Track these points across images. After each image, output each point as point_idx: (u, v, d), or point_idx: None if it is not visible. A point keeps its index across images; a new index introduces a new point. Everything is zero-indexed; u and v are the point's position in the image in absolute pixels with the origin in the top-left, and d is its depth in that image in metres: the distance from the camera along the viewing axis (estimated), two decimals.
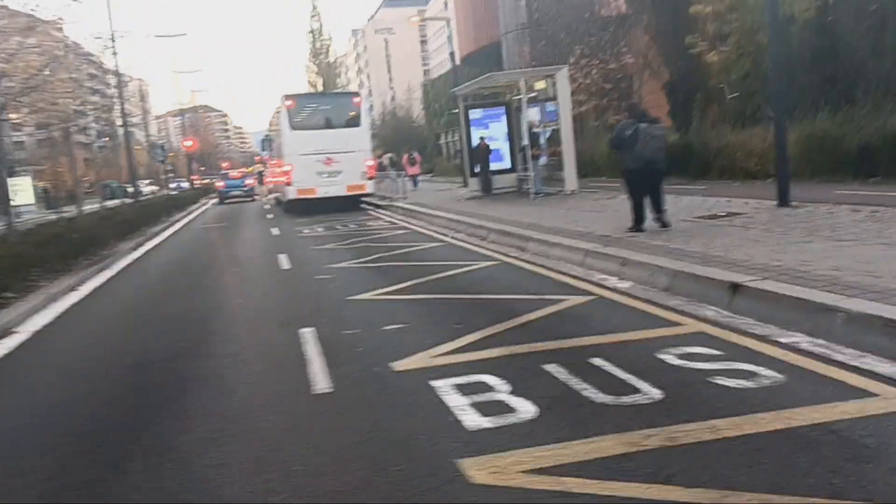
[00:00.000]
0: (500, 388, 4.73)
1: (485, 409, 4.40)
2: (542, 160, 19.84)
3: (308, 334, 6.66)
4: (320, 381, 5.26)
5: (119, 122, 48.82)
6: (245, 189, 41.69)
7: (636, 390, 4.50)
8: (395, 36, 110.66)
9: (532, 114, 19.63)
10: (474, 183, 22.13)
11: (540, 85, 19.65)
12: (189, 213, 32.25)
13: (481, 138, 21.64)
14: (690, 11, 25.85)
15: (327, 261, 11.61)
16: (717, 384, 4.49)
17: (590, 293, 7.43)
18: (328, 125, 24.20)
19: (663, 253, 8.16)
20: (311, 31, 70.01)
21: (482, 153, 21.77)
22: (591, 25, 36.32)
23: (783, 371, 4.63)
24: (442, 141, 66.83)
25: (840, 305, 5.24)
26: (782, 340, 5.24)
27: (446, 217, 15.95)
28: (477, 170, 21.90)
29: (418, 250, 12.11)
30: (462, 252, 11.39)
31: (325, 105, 25.25)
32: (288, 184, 24.35)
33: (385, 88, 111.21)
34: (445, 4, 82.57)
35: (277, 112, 27.10)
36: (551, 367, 5.05)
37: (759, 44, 23.56)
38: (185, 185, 62.69)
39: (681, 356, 5.09)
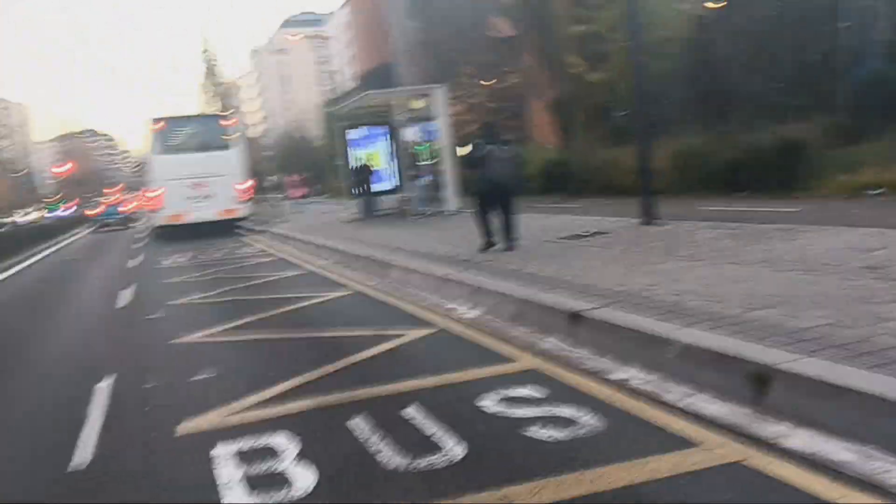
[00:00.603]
0: (288, 454, 4.03)
1: (256, 483, 3.69)
2: (423, 180, 19.38)
3: (103, 389, 5.78)
4: (82, 451, 4.42)
5: None
6: (118, 217, 39.50)
7: (437, 449, 3.89)
8: (293, 57, 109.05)
9: (410, 133, 19.14)
10: (355, 205, 21.46)
11: (417, 104, 19.19)
12: (55, 244, 30.13)
13: (357, 160, 21.01)
14: (568, 32, 26.14)
15: (172, 295, 10.61)
16: (528, 437, 3.93)
17: (433, 325, 6.84)
18: (198, 148, 23.04)
19: (516, 278, 7.67)
20: (205, 51, 68.30)
21: (363, 174, 21.12)
22: (478, 46, 36.47)
23: (606, 416, 4.12)
24: (340, 162, 65.76)
25: (672, 336, 4.81)
26: (613, 377, 4.76)
27: (315, 243, 15.15)
28: (358, 192, 21.25)
29: (275, 280, 11.28)
30: (320, 281, 10.66)
31: (195, 128, 24.04)
32: (157, 209, 23.02)
33: (282, 110, 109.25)
34: (344, 24, 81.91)
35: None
36: (356, 422, 4.39)
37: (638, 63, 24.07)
38: (66, 213, 59.41)
39: (502, 400, 4.52)
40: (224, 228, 23.14)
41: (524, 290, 6.98)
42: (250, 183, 24.09)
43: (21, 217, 65.07)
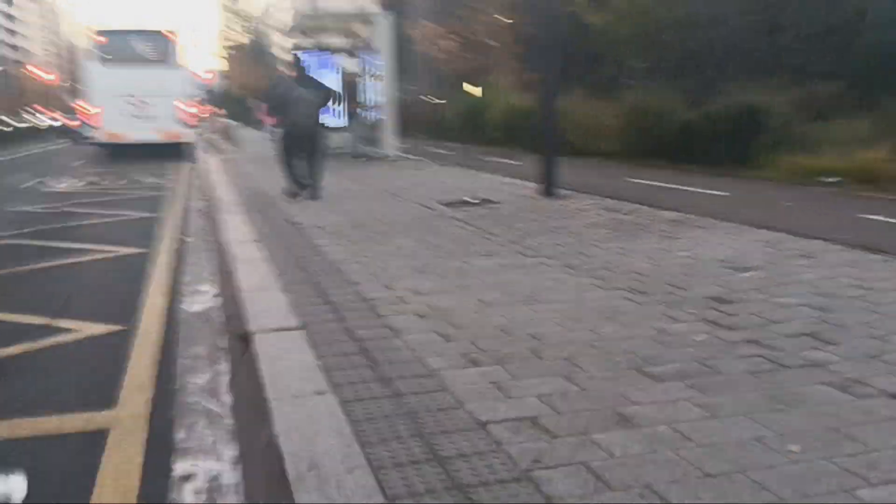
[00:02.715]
0: None
1: None
2: (363, 118, 17.46)
3: None
4: None
5: None
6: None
7: None
8: None
9: (350, 64, 17.11)
10: None
11: (360, 31, 17.07)
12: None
13: None
14: None
15: None
16: None
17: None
18: (139, 64, 21.17)
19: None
20: None
21: None
22: None
23: None
24: None
25: None
26: None
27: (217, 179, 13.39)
28: None
29: (99, 224, 9.49)
30: (138, 228, 8.89)
31: (137, 42, 22.06)
32: (95, 126, 21.36)
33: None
34: None
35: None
36: None
37: (644, 6, 21.54)
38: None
39: None
40: (175, 152, 21.38)
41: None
42: (196, 107, 22.14)
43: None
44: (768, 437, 2.59)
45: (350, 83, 17.64)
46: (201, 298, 5.21)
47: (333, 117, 19.41)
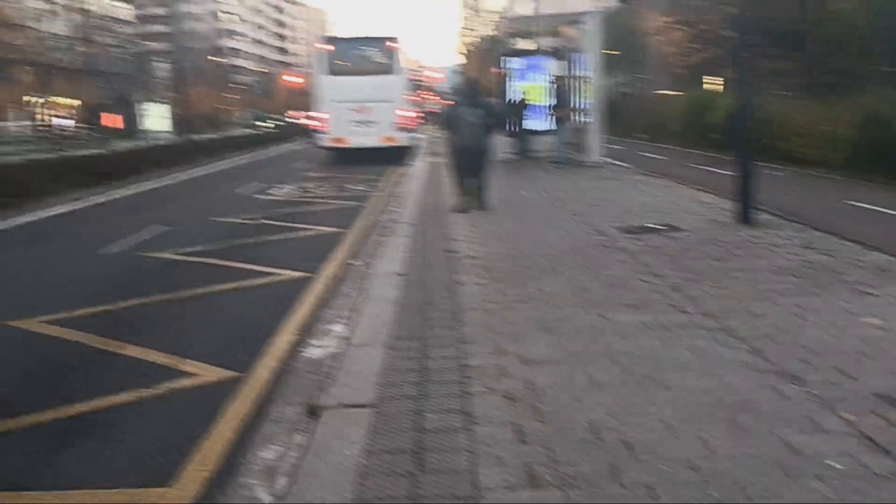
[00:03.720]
0: None
1: None
2: (574, 123, 16.81)
3: None
4: None
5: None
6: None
7: None
8: None
9: (555, 67, 16.52)
10: (511, 143, 19.37)
11: (569, 33, 16.42)
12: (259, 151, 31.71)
13: (515, 93, 18.75)
14: None
15: (151, 248, 9.48)
16: None
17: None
18: (363, 72, 22.17)
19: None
20: None
21: (517, 109, 18.84)
22: None
23: None
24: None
25: None
26: None
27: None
28: (512, 129, 19.07)
29: (284, 240, 9.84)
30: (317, 247, 9.09)
31: (360, 50, 23.10)
32: (322, 131, 22.79)
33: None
34: None
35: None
36: None
37: None
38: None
39: None
40: (392, 155, 22.21)
41: None
42: (414, 112, 22.73)
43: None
44: None
45: (558, 87, 17.11)
46: (323, 344, 5.08)
47: (540, 120, 19.05)
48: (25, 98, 50.41)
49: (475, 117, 10.09)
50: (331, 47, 22.82)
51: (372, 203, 13.25)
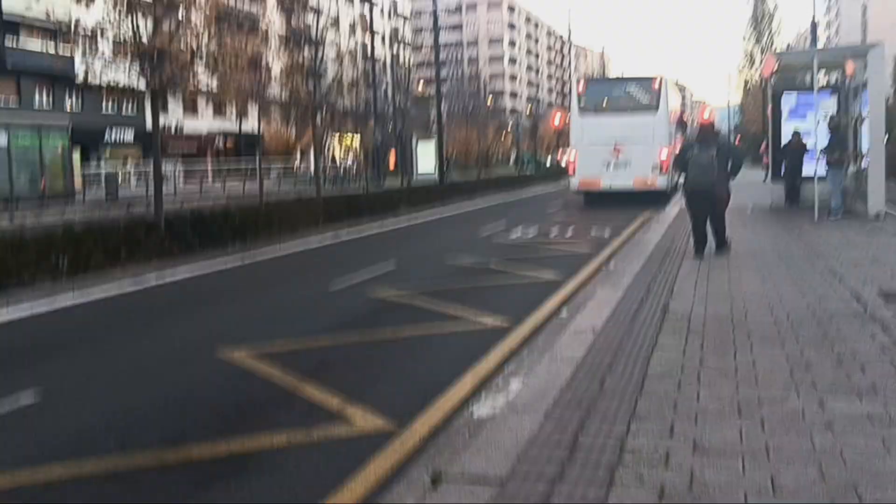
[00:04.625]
0: None
1: None
2: (852, 167, 14.79)
3: None
4: None
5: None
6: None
7: None
8: None
9: (830, 104, 14.63)
10: (776, 190, 17.54)
11: (850, 67, 14.46)
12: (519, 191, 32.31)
13: (796, 132, 16.86)
14: None
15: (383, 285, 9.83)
16: None
17: None
18: (619, 111, 21.55)
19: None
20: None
21: (795, 153, 17.01)
22: None
23: None
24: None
25: None
26: None
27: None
28: (786, 175, 17.18)
29: (501, 287, 9.66)
30: (531, 295, 8.75)
31: (619, 90, 22.47)
32: (570, 173, 22.50)
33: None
34: None
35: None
36: None
37: None
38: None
39: None
40: (647, 199, 21.21)
41: None
42: (666, 152, 21.52)
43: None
44: None
45: (834, 127, 15.18)
46: (488, 403, 4.73)
47: (812, 163, 16.99)
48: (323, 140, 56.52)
49: (706, 158, 9.59)
50: (588, 87, 22.62)
51: (607, 250, 12.65)
